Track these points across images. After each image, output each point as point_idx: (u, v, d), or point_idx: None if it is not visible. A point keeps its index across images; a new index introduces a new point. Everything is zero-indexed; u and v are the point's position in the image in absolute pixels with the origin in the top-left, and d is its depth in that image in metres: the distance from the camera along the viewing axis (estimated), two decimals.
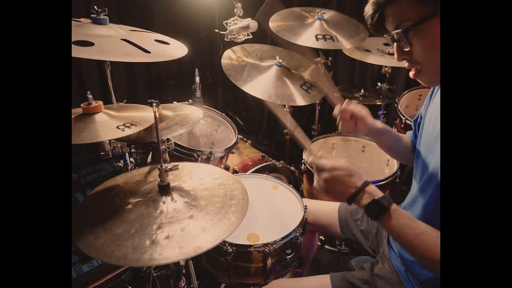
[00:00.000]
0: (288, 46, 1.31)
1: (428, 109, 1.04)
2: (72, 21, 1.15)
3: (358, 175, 0.90)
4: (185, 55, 1.19)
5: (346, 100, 1.17)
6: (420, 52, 0.82)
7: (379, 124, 1.19)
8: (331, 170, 0.89)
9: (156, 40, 1.19)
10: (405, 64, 0.89)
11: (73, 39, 0.99)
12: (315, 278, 1.12)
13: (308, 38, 1.83)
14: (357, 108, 1.16)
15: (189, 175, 1.02)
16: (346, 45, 1.85)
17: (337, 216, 1.34)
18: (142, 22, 2.93)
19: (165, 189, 0.91)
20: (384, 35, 0.88)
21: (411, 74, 0.88)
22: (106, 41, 1.04)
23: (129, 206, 0.87)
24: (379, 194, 0.87)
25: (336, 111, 1.17)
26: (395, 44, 0.86)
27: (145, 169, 1.06)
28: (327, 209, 1.38)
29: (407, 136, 1.26)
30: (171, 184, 0.93)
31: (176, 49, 1.20)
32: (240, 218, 0.84)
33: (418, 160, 1.04)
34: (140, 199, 0.89)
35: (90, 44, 1.00)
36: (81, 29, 1.10)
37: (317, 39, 1.82)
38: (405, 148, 1.24)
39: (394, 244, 1.10)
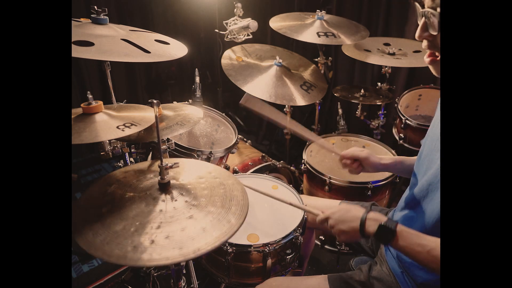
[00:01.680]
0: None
1: (437, 109, 1.03)
2: (72, 21, 1.15)
3: (354, 208, 0.97)
4: (185, 55, 1.19)
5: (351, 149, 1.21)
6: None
7: (386, 160, 1.21)
8: (331, 216, 0.99)
9: (156, 40, 1.19)
10: (423, 44, 0.84)
11: (73, 39, 0.98)
12: (313, 278, 1.12)
13: (309, 35, 1.83)
14: (357, 151, 1.19)
15: (189, 173, 1.02)
16: (347, 41, 1.85)
17: None
18: (142, 22, 2.93)
19: (165, 187, 0.91)
20: (416, 2, 0.82)
21: (427, 59, 0.84)
22: (106, 41, 1.04)
23: (129, 203, 0.86)
24: (383, 218, 0.90)
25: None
26: (422, 19, 0.79)
27: (146, 163, 1.06)
28: (326, 207, 1.37)
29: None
30: (171, 182, 0.93)
31: (176, 49, 1.19)
32: (240, 220, 0.84)
33: (421, 159, 1.03)
34: (140, 195, 0.89)
35: (90, 44, 1.00)
36: (81, 29, 1.10)
37: (318, 35, 1.83)
38: None
39: None
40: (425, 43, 0.84)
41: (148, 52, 1.05)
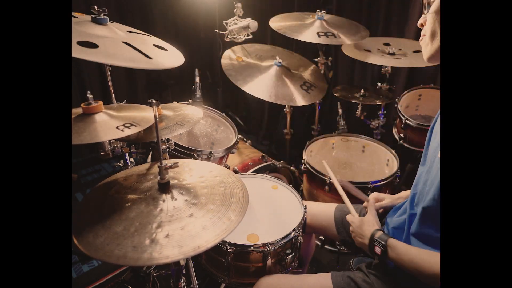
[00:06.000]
0: None
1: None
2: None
3: (368, 223, 1.07)
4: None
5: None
6: (428, 19, 0.86)
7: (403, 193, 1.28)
8: (351, 224, 1.11)
9: (154, 45, 1.18)
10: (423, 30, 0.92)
11: (75, 39, 0.98)
12: (316, 276, 1.13)
13: (310, 35, 1.84)
14: (381, 202, 1.26)
15: (189, 172, 1.02)
16: (347, 41, 1.85)
17: (333, 218, 1.34)
18: (142, 22, 2.93)
19: (165, 187, 0.91)
20: None
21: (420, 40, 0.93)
22: (110, 44, 1.03)
23: (129, 204, 0.87)
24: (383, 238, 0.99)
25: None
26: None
27: (146, 166, 1.06)
28: (324, 210, 1.38)
29: None
30: (171, 182, 0.93)
31: (173, 57, 1.20)
32: (240, 217, 0.84)
33: (424, 165, 1.04)
34: (140, 197, 0.89)
35: (94, 45, 0.99)
36: (81, 27, 1.09)
37: (318, 35, 1.83)
38: None
39: None
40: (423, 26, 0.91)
41: (150, 58, 1.05)
